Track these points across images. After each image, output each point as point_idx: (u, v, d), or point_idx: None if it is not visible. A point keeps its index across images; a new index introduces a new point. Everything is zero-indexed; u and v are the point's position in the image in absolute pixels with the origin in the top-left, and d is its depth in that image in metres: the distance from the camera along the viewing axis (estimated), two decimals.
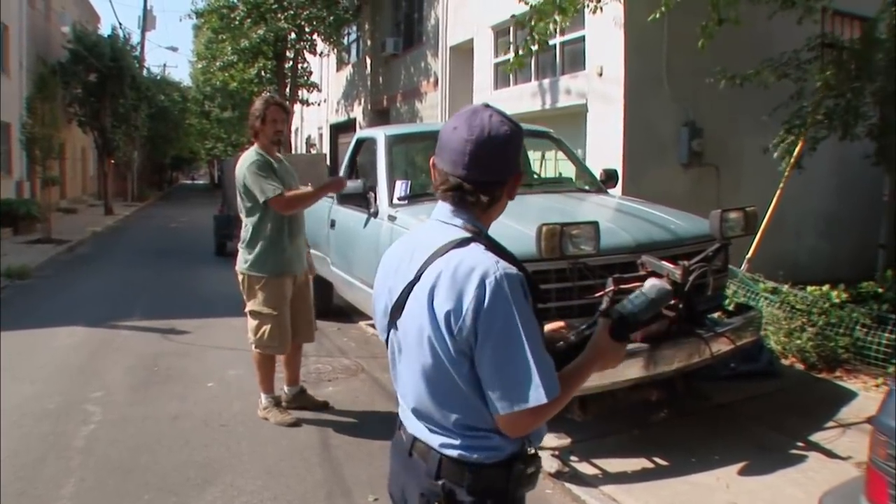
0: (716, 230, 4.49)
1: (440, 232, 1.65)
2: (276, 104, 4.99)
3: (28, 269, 12.10)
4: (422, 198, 5.74)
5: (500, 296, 1.51)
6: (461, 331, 1.52)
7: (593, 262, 4.15)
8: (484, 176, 1.63)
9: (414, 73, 17.74)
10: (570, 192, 6.09)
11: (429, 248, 1.62)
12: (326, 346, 7.23)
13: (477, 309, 1.50)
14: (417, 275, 1.61)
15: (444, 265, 1.56)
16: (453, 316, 1.52)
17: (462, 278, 1.52)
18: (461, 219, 1.65)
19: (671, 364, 4.13)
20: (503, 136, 1.62)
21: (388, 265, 1.76)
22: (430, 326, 1.57)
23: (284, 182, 4.93)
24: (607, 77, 8.65)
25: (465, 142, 1.60)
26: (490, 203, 1.67)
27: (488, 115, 1.64)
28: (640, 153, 8.43)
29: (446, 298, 1.53)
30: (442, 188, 1.66)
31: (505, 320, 1.51)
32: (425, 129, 7.32)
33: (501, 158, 1.64)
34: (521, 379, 1.51)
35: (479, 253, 1.56)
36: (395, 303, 1.67)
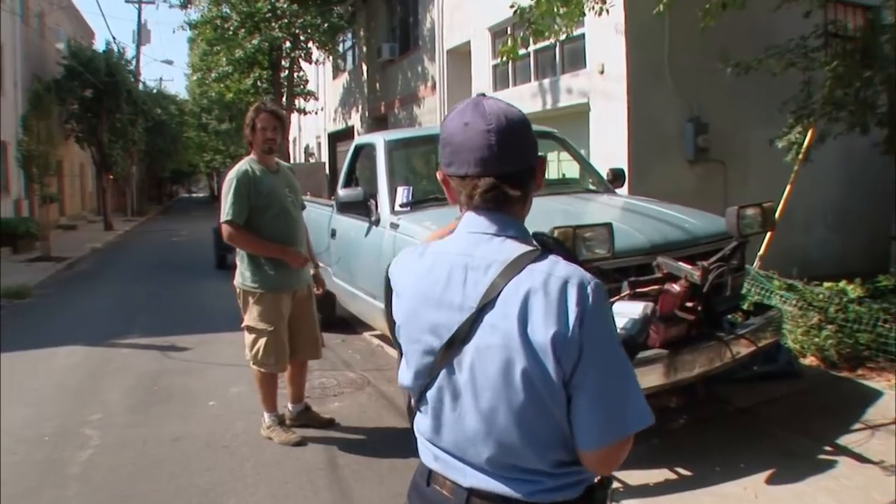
0: (733, 227, 4.31)
1: (496, 247, 1.42)
2: (268, 111, 4.80)
3: (27, 289, 11.93)
4: (424, 204, 5.57)
5: (601, 306, 1.35)
6: (568, 355, 1.32)
7: (607, 265, 3.96)
8: (517, 165, 1.43)
9: (411, 78, 17.59)
10: (577, 194, 5.91)
11: (489, 267, 1.40)
12: (331, 360, 7.02)
13: (581, 325, 1.31)
14: (486, 301, 1.38)
15: (529, 284, 1.35)
16: (559, 339, 1.31)
17: (559, 294, 1.33)
18: (513, 228, 1.45)
19: (692, 370, 3.95)
20: (519, 117, 1.46)
21: (422, 293, 1.48)
22: (526, 357, 1.33)
23: (273, 195, 4.73)
24: (609, 74, 8.48)
25: (487, 133, 1.41)
26: (526, 197, 1.48)
27: (494, 102, 1.47)
28: (645, 151, 8.25)
29: (546, 321, 1.32)
30: (479, 194, 1.43)
31: (609, 334, 1.36)
32: (425, 133, 7.17)
33: (526, 142, 1.46)
34: (627, 401, 1.35)
35: (565, 264, 1.38)
36: (452, 338, 1.42)
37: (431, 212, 5.34)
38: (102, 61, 24.77)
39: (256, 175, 4.73)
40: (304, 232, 5.04)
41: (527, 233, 1.48)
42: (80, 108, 24.49)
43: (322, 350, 5.22)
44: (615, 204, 5.51)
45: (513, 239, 1.43)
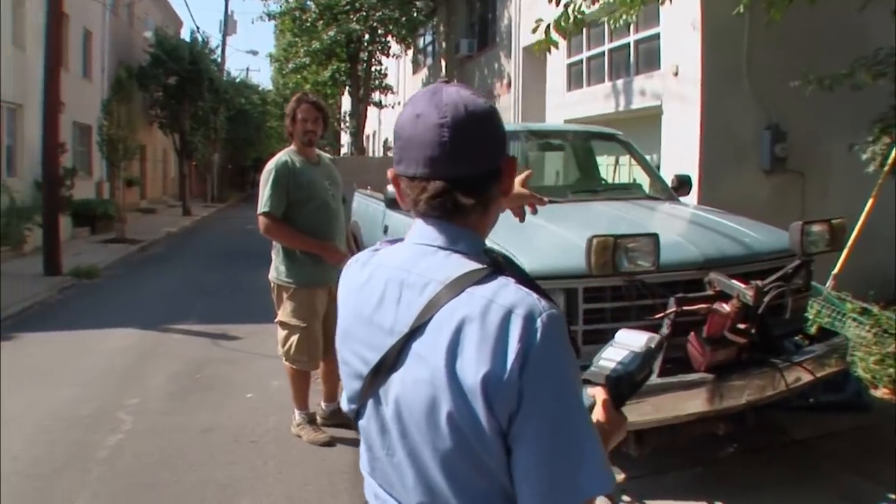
0: (796, 245, 3.94)
1: (438, 263, 1.20)
2: (308, 102, 4.67)
3: (96, 269, 12.24)
4: None
5: (552, 344, 1.10)
6: (503, 402, 1.08)
7: (653, 279, 3.67)
8: (474, 167, 1.20)
9: (487, 75, 17.38)
10: (637, 200, 5.58)
11: (426, 286, 1.18)
12: None
13: (523, 365, 1.08)
14: (416, 325, 1.16)
15: (465, 310, 1.12)
16: (492, 381, 1.07)
17: (499, 326, 1.09)
18: (464, 242, 1.22)
19: (740, 398, 3.62)
20: (483, 109, 1.22)
21: (355, 310, 1.28)
22: (452, 398, 1.10)
23: (313, 188, 4.60)
24: (683, 76, 8.07)
25: (440, 127, 1.18)
26: (487, 205, 1.24)
27: (455, 90, 1.23)
28: (718, 158, 7.81)
29: (479, 357, 1.09)
30: (424, 199, 1.21)
31: (560, 378, 1.10)
32: None
33: (489, 140, 1.23)
34: (580, 462, 1.09)
35: (513, 289, 1.13)
36: (379, 364, 1.21)
37: None
38: (186, 50, 25.41)
39: (296, 167, 4.61)
40: (343, 226, 4.89)
41: (480, 248, 1.23)
42: (164, 96, 25.17)
43: None
44: (673, 213, 5.18)
45: (460, 255, 1.20)
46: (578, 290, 3.75)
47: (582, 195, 5.55)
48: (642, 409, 3.50)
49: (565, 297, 3.77)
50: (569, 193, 5.55)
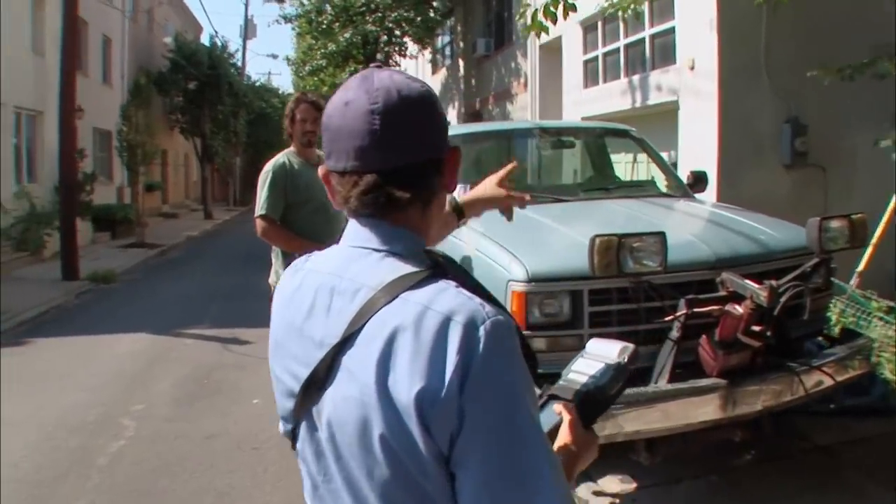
0: (814, 242, 3.75)
1: (371, 266, 1.07)
2: (307, 102, 4.56)
3: (113, 274, 12.25)
4: None
5: (497, 355, 0.96)
6: (441, 422, 0.95)
7: (661, 279, 3.50)
8: (410, 157, 1.07)
9: (505, 74, 17.23)
10: (650, 198, 5.40)
11: (358, 292, 1.05)
12: None
13: (463, 380, 0.94)
14: (345, 336, 1.03)
15: (398, 319, 0.99)
16: (428, 399, 0.94)
17: (435, 335, 0.96)
18: (401, 242, 1.09)
19: (755, 404, 3.44)
20: (419, 93, 1.09)
21: (286, 321, 1.15)
22: (384, 418, 0.97)
23: (312, 190, 4.49)
24: (699, 70, 7.86)
25: (370, 114, 1.06)
26: (428, 201, 1.12)
27: (388, 74, 1.11)
28: (736, 153, 7.59)
29: (413, 371, 0.96)
30: (355, 195, 1.08)
31: (508, 393, 0.97)
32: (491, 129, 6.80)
33: (427, 127, 1.10)
34: (534, 490, 0.95)
35: (453, 294, 1.00)
36: (309, 380, 1.07)
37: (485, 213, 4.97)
38: (205, 55, 25.50)
39: (294, 168, 4.50)
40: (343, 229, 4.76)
41: (419, 249, 1.11)
42: (185, 100, 25.29)
43: None
44: (686, 210, 4.99)
45: (396, 256, 1.08)
46: (583, 292, 3.59)
47: (593, 193, 5.38)
48: (650, 416, 3.35)
49: (570, 299, 3.62)
50: (579, 192, 5.40)
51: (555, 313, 3.63)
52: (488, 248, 4.06)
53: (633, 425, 3.41)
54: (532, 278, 3.59)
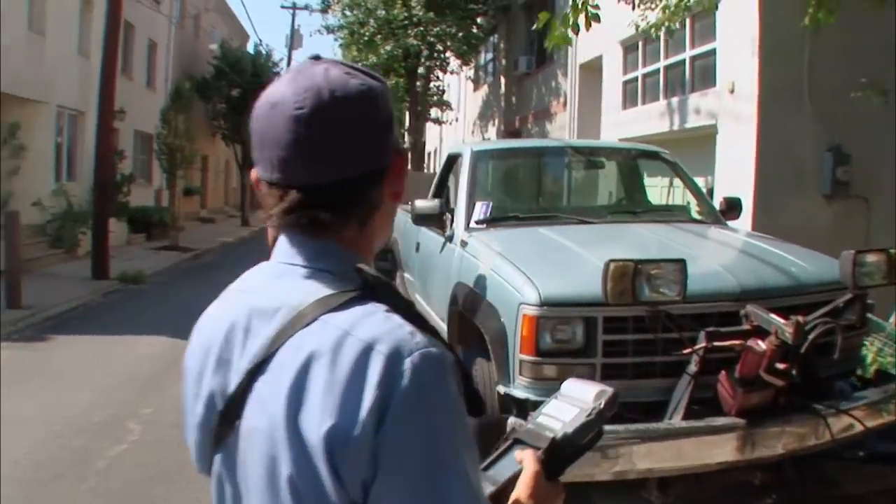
0: (847, 276, 3.53)
1: (294, 285, 0.95)
2: None
3: (143, 275, 12.32)
4: (502, 222, 5.05)
5: (424, 393, 0.84)
6: (352, 465, 0.83)
7: (680, 310, 3.31)
8: (342, 171, 0.94)
9: (545, 93, 17.08)
10: (679, 223, 5.20)
11: (276, 313, 0.93)
12: None
13: (380, 419, 0.82)
14: (259, 362, 0.91)
15: (315, 344, 0.87)
16: (338, 439, 0.83)
17: (353, 365, 0.84)
18: (330, 259, 0.96)
19: (775, 447, 3.22)
20: (356, 92, 0.95)
21: (205, 345, 1.01)
22: (293, 458, 0.86)
23: None
24: (739, 94, 7.64)
25: (294, 119, 0.92)
26: (366, 216, 0.99)
27: (323, 69, 0.96)
28: (774, 181, 7.35)
29: (324, 406, 0.84)
30: (276, 212, 0.95)
31: (433, 439, 0.84)
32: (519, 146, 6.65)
33: (365, 134, 0.96)
34: None
35: (380, 319, 0.88)
36: (223, 412, 0.95)
37: (505, 231, 4.83)
38: (249, 62, 25.76)
39: None
40: None
41: (348, 267, 0.95)
42: (227, 107, 25.56)
43: None
44: (715, 237, 4.78)
45: (323, 275, 0.95)
46: (598, 320, 3.42)
47: (620, 216, 5.20)
48: (662, 453, 3.16)
49: (584, 326, 3.45)
50: (606, 214, 5.22)
51: (567, 340, 3.46)
52: (503, 267, 3.92)
53: (645, 462, 3.23)
54: (544, 302, 3.42)
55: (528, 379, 3.47)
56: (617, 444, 3.20)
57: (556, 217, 5.04)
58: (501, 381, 3.63)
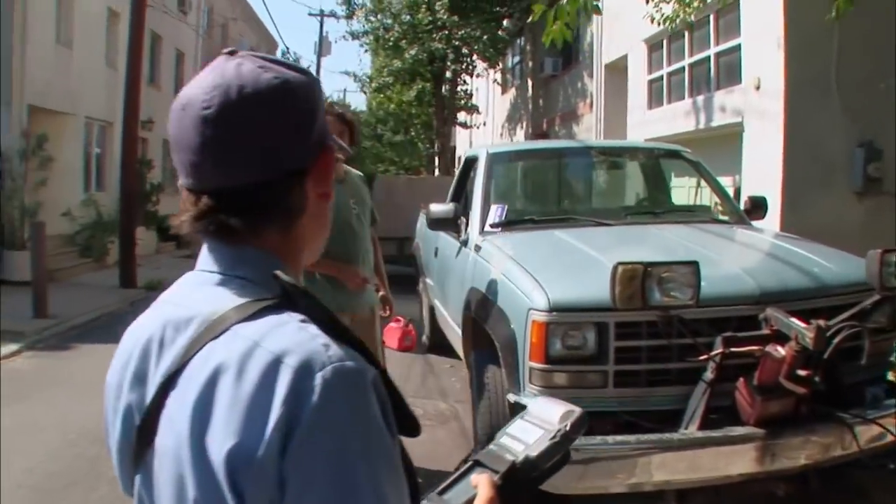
0: (874, 277, 3.35)
1: (210, 294, 0.90)
2: (333, 114, 4.38)
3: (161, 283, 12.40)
4: (517, 225, 4.94)
5: (336, 411, 0.78)
6: (256, 488, 0.77)
7: (694, 314, 3.17)
8: (255, 174, 0.88)
9: (571, 95, 16.96)
10: (700, 224, 5.05)
11: (190, 323, 0.88)
12: (429, 386, 6.63)
13: (286, 439, 0.76)
14: (171, 376, 0.86)
15: (222, 356, 0.81)
16: (241, 460, 0.76)
17: (260, 379, 0.78)
18: (249, 266, 0.90)
19: (796, 458, 3.07)
20: (269, 88, 0.88)
21: (122, 358, 0.96)
22: (198, 480, 0.80)
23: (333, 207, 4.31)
24: (765, 90, 7.44)
25: (201, 122, 0.86)
26: (289, 221, 0.93)
27: (235, 64, 0.90)
28: (803, 178, 7.14)
29: (227, 423, 0.78)
30: (188, 221, 0.91)
31: (341, 462, 0.77)
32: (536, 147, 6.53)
33: (280, 133, 0.89)
34: None
35: (292, 330, 0.82)
36: (139, 429, 0.90)
37: (520, 235, 4.72)
38: None
39: None
40: (368, 248, 4.56)
41: (268, 275, 0.88)
42: None
43: None
44: (736, 238, 4.62)
45: (241, 282, 0.89)
46: (609, 325, 3.29)
47: (639, 217, 5.06)
48: (676, 465, 3.03)
49: (596, 332, 3.32)
50: (624, 215, 5.08)
51: (578, 347, 3.34)
52: (513, 272, 3.81)
53: (660, 474, 3.09)
54: (553, 307, 3.31)
55: (537, 387, 3.36)
56: (631, 455, 3.08)
57: (572, 219, 4.92)
58: (512, 389, 3.52)
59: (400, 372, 7.10)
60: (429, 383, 6.67)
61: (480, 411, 3.95)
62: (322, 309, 0.87)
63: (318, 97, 0.96)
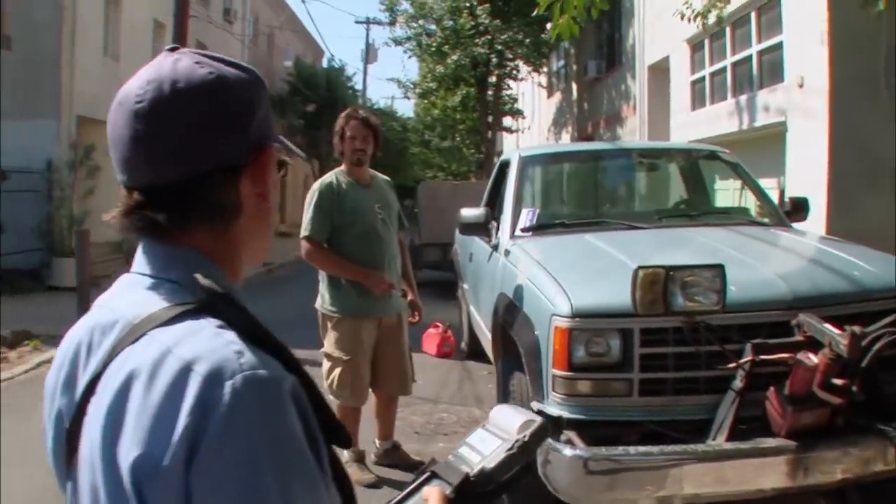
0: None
1: (137, 297, 0.88)
2: (358, 119, 4.38)
3: None
4: (548, 229, 4.85)
5: (246, 423, 0.75)
6: (163, 498, 0.74)
7: (722, 320, 3.04)
8: (184, 169, 0.87)
9: (615, 97, 16.78)
10: (737, 227, 4.88)
11: (113, 328, 0.86)
12: (465, 392, 6.57)
13: (192, 450, 0.73)
14: (91, 381, 0.84)
15: (137, 362, 0.79)
16: (145, 471, 0.74)
17: (168, 388, 0.76)
18: (179, 268, 0.89)
19: (832, 473, 2.91)
20: (201, 84, 0.87)
21: (56, 362, 0.95)
22: (108, 492, 0.78)
23: (359, 212, 4.29)
24: (809, 87, 7.20)
25: (133, 117, 0.86)
26: (222, 221, 0.91)
27: (173, 60, 0.90)
28: (849, 179, 6.88)
29: (135, 432, 0.76)
30: (117, 215, 0.90)
31: (250, 472, 0.73)
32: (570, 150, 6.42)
33: (211, 127, 0.88)
34: None
35: (207, 336, 0.80)
36: (67, 434, 0.88)
37: (548, 239, 4.64)
38: (323, 78, 26.18)
39: (342, 188, 4.34)
40: (394, 254, 4.52)
41: (211, 275, 0.86)
42: (303, 123, 26.03)
43: (412, 386, 4.68)
44: (773, 240, 4.45)
45: (169, 285, 0.88)
46: (634, 332, 3.17)
47: (674, 220, 4.92)
48: (702, 478, 2.90)
49: (620, 338, 3.21)
50: (658, 218, 4.94)
51: (602, 353, 3.24)
52: (539, 277, 3.73)
53: (690, 486, 2.97)
54: (576, 313, 3.21)
55: (561, 395, 3.26)
56: (661, 466, 2.96)
57: (604, 223, 4.81)
58: (536, 396, 3.43)
59: (437, 378, 7.04)
60: (465, 390, 6.61)
61: None
62: (243, 314, 0.84)
63: (258, 95, 0.94)
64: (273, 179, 0.98)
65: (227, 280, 0.92)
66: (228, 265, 0.93)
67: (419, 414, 5.84)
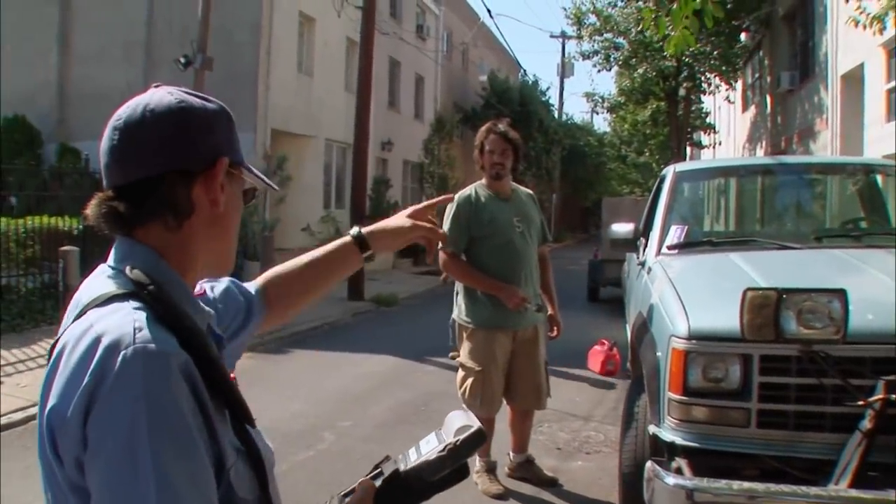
0: None
1: (96, 285, 1.07)
2: (497, 133, 4.42)
3: (395, 298, 13.10)
4: (696, 247, 4.63)
5: (126, 388, 0.90)
6: (66, 446, 0.92)
7: (845, 351, 2.77)
8: (145, 170, 1.05)
9: (808, 110, 15.58)
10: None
11: (76, 309, 1.05)
12: (617, 413, 6.38)
13: (88, 406, 0.90)
14: (48, 355, 1.04)
15: (69, 335, 0.98)
16: (55, 420, 0.93)
17: (81, 355, 0.93)
18: (135, 258, 1.07)
19: None
20: (166, 108, 1.07)
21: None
22: (39, 434, 0.97)
23: (496, 225, 4.33)
24: None
25: (112, 131, 1.08)
26: (175, 218, 1.07)
27: (152, 92, 1.12)
28: None
29: (55, 389, 0.94)
30: (90, 208, 1.10)
31: (126, 433, 0.89)
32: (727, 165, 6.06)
33: (169, 139, 1.07)
34: None
35: (121, 315, 0.96)
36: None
37: (693, 258, 4.41)
38: (516, 92, 26.43)
39: (480, 201, 4.41)
40: (533, 267, 4.52)
41: (148, 268, 1.05)
42: None
43: (547, 400, 4.62)
44: None
45: (120, 275, 1.05)
46: (754, 358, 2.96)
47: (835, 241, 4.51)
48: None
49: (740, 364, 3.01)
50: (813, 238, 4.55)
51: (719, 379, 3.04)
52: (667, 296, 3.58)
53: None
54: (693, 335, 3.05)
55: (675, 420, 3.11)
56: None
57: (754, 242, 4.51)
58: (653, 420, 3.30)
59: (594, 396, 6.92)
60: (619, 411, 6.41)
61: (626, 443, 3.75)
62: (163, 300, 1.00)
63: (219, 123, 1.12)
64: (232, 194, 1.13)
65: (172, 274, 1.07)
66: (179, 262, 1.09)
67: (567, 430, 5.77)
